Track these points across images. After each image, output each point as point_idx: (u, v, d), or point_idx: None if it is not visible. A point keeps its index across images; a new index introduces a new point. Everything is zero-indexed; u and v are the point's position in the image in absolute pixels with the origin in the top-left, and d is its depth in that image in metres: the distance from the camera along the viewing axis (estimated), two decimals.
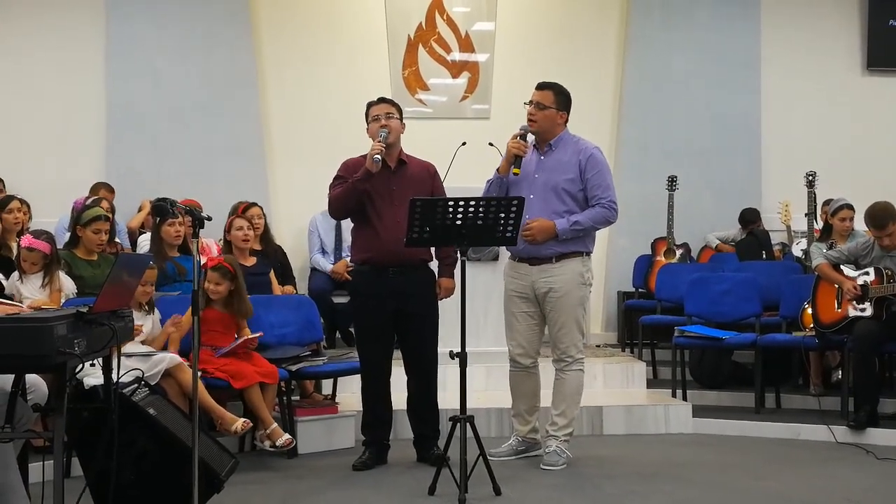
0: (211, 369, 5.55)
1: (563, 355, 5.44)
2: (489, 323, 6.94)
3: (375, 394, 5.50)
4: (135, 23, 9.03)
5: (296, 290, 7.50)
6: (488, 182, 5.52)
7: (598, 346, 8.61)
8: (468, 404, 4.81)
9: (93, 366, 4.40)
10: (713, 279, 7.51)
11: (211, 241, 7.21)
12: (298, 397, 6.30)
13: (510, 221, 4.81)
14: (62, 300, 5.56)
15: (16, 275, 5.66)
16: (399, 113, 5.51)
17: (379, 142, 5.25)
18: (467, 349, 4.81)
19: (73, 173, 8.62)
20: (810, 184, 8.27)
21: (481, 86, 9.58)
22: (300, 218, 8.79)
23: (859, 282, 6.41)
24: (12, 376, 3.61)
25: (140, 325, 5.44)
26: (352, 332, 7.78)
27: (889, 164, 9.65)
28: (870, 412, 6.23)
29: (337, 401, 6.26)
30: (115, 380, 3.99)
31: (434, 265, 5.54)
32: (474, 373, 6.27)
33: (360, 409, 5.68)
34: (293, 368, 5.97)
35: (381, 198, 5.35)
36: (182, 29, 9.12)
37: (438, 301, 5.51)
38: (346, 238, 8.09)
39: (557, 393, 5.50)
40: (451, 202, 4.74)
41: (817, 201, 8.30)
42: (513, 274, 5.55)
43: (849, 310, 6.42)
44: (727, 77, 9.66)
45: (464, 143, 7.23)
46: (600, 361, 7.40)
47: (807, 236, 8.26)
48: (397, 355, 5.55)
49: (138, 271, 4.64)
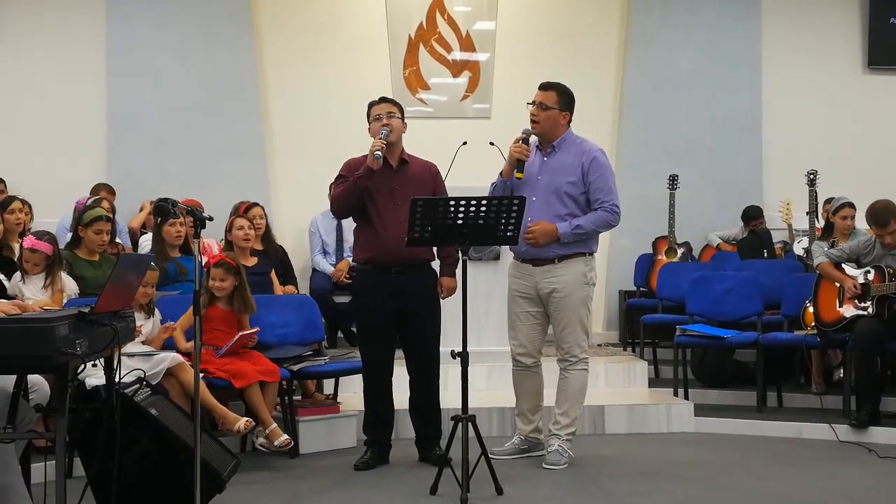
0: (212, 369, 5.55)
1: (566, 355, 5.44)
2: (490, 322, 6.94)
3: (377, 393, 5.49)
4: (135, 23, 9.03)
5: (297, 289, 7.50)
6: (492, 185, 5.51)
7: (599, 346, 8.61)
8: (470, 404, 4.81)
9: (94, 366, 4.39)
10: (715, 278, 7.50)
11: (212, 241, 7.21)
12: (300, 397, 6.30)
13: (511, 221, 4.81)
14: (64, 301, 5.57)
15: (18, 275, 5.67)
16: (401, 112, 5.50)
17: (380, 139, 5.26)
18: (469, 348, 4.81)
19: (74, 173, 8.62)
20: (811, 182, 8.26)
21: (482, 85, 9.57)
22: (301, 218, 8.79)
23: (860, 280, 6.41)
24: (14, 377, 3.61)
25: (140, 326, 5.44)
26: (353, 331, 7.81)
27: (890, 162, 9.64)
28: (871, 411, 6.23)
29: (338, 400, 6.25)
30: (117, 380, 3.99)
31: (436, 265, 5.54)
32: (476, 372, 6.27)
33: (361, 408, 5.67)
34: (295, 368, 5.96)
35: (382, 197, 5.34)
36: (183, 29, 9.13)
37: (440, 300, 5.51)
38: (347, 238, 8.09)
39: (561, 392, 5.50)
40: (452, 202, 4.73)
41: (818, 200, 8.30)
42: (516, 274, 5.56)
43: (844, 310, 6.42)
44: (728, 76, 9.66)
45: (465, 143, 7.23)
46: (602, 361, 7.40)
47: (808, 235, 8.26)
48: (399, 355, 5.55)
49: (140, 272, 4.64)
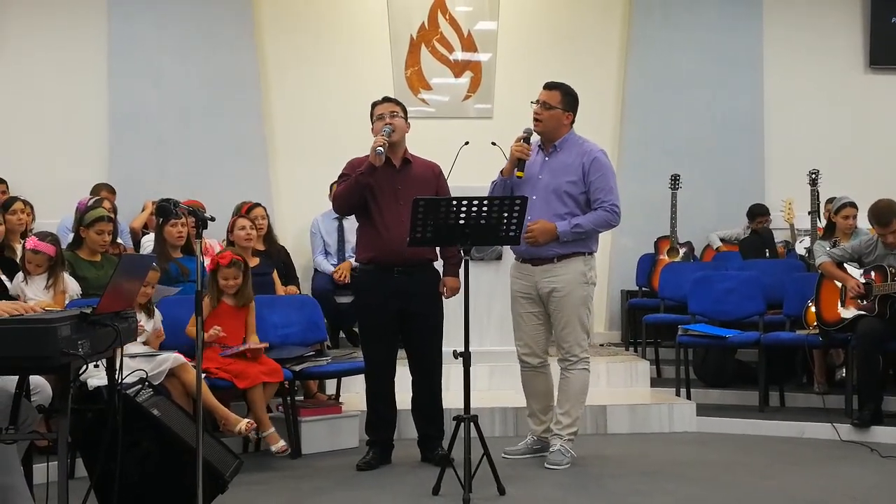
0: (213, 368, 5.55)
1: (567, 354, 5.44)
2: (493, 322, 6.94)
3: (379, 394, 5.50)
4: (137, 23, 9.03)
5: (299, 290, 7.50)
6: (493, 184, 5.52)
7: (601, 346, 8.62)
8: (472, 404, 4.80)
9: (96, 367, 4.39)
10: (717, 278, 7.50)
11: (214, 241, 7.22)
12: (302, 397, 6.30)
13: (513, 221, 4.81)
14: (66, 301, 5.57)
15: (20, 276, 5.67)
16: (404, 112, 5.51)
17: (382, 135, 5.26)
18: (471, 348, 4.81)
19: (75, 174, 8.61)
20: (813, 182, 8.26)
21: (484, 85, 9.57)
22: (302, 218, 8.79)
23: (862, 280, 6.41)
24: (16, 377, 3.61)
25: (141, 326, 5.45)
26: (355, 331, 7.81)
27: (892, 161, 9.62)
28: (874, 410, 6.23)
29: (341, 401, 6.26)
30: (119, 381, 3.99)
31: (439, 264, 5.54)
32: (478, 372, 6.27)
33: (363, 408, 5.67)
34: (297, 368, 5.96)
35: (385, 196, 5.35)
36: (184, 29, 9.12)
37: (443, 300, 5.51)
38: (349, 239, 8.08)
39: (562, 392, 5.50)
40: (454, 202, 4.73)
41: (820, 199, 8.30)
42: (517, 274, 5.56)
43: (845, 312, 6.42)
44: (730, 76, 9.66)
45: (466, 143, 7.22)
46: (604, 360, 7.40)
47: (810, 234, 8.26)
48: (402, 355, 5.55)
49: (142, 272, 4.64)
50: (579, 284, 5.40)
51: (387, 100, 5.55)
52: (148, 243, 7.17)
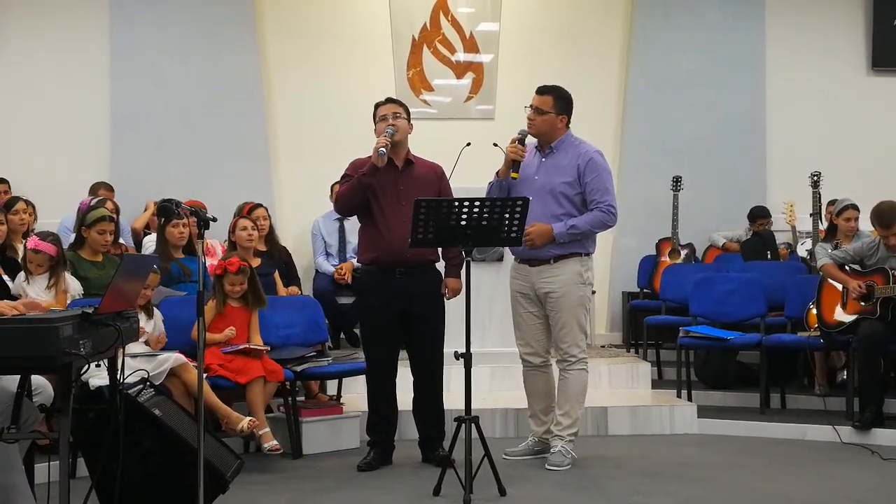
0: (215, 365, 5.56)
1: (565, 355, 5.45)
2: (494, 323, 6.93)
3: (380, 394, 5.50)
4: (138, 24, 9.03)
5: (300, 290, 7.51)
6: (489, 185, 5.53)
7: (602, 347, 8.61)
8: (473, 405, 4.81)
9: (98, 366, 4.40)
10: (718, 279, 7.50)
11: (216, 241, 7.22)
12: (303, 398, 6.31)
13: (515, 222, 4.81)
14: (68, 301, 5.57)
15: (22, 276, 5.67)
16: (407, 113, 5.51)
17: (384, 136, 5.26)
18: (472, 350, 4.81)
19: (77, 174, 8.61)
20: (815, 184, 8.26)
21: (486, 86, 9.57)
22: (304, 219, 8.79)
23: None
24: (18, 377, 3.62)
25: (142, 328, 5.45)
26: (356, 333, 7.81)
27: (894, 163, 9.60)
28: (875, 412, 6.23)
29: (342, 401, 6.26)
30: (121, 380, 3.99)
31: (441, 265, 5.54)
32: (479, 373, 6.24)
33: (365, 409, 5.67)
34: (298, 369, 5.97)
35: (387, 197, 5.35)
36: (186, 29, 9.13)
37: (445, 301, 5.51)
38: (350, 240, 8.08)
39: (561, 393, 5.50)
40: (456, 203, 4.74)
41: (822, 201, 8.29)
42: (515, 275, 5.58)
43: (843, 314, 6.42)
44: (732, 77, 9.65)
45: (468, 144, 7.22)
46: (605, 362, 7.40)
47: (811, 236, 8.26)
48: (403, 356, 5.55)
49: (143, 272, 4.65)
50: (576, 285, 5.40)
51: (390, 100, 5.55)
52: (149, 243, 7.17)
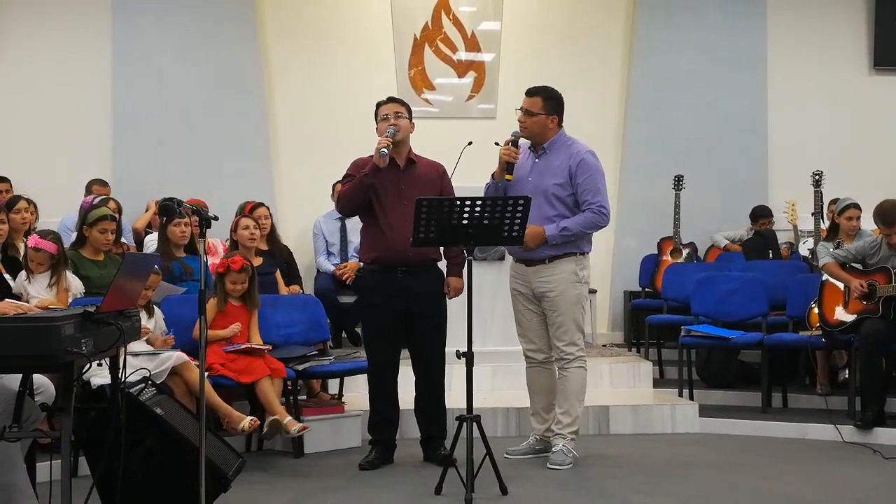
0: (217, 364, 5.56)
1: (563, 354, 5.45)
2: (496, 322, 6.93)
3: (382, 393, 5.50)
4: (140, 24, 9.04)
5: (302, 289, 7.51)
6: (486, 186, 5.54)
7: (604, 346, 8.61)
8: (475, 404, 4.80)
9: (100, 365, 4.40)
10: (720, 279, 7.50)
11: (217, 240, 7.22)
12: (305, 397, 6.31)
13: (516, 221, 4.81)
14: (69, 300, 5.57)
15: (23, 274, 5.67)
16: (408, 112, 5.51)
17: (386, 136, 5.26)
18: (474, 349, 4.80)
19: (79, 173, 8.61)
20: (817, 183, 8.25)
21: (487, 85, 9.57)
22: (305, 218, 8.80)
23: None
24: (20, 376, 3.62)
25: (145, 328, 5.46)
26: (358, 332, 7.81)
27: (895, 163, 9.63)
28: (877, 412, 6.22)
29: (343, 400, 6.27)
30: (122, 379, 4.00)
31: (442, 265, 5.54)
32: (481, 372, 6.24)
33: (366, 408, 5.67)
34: (300, 368, 5.97)
35: (389, 196, 5.35)
36: (187, 30, 9.14)
37: (447, 301, 5.52)
38: (352, 240, 8.08)
39: (561, 391, 5.51)
40: (458, 202, 4.73)
41: (824, 200, 8.29)
42: (514, 274, 5.60)
43: (845, 314, 6.42)
44: (733, 77, 9.66)
45: (470, 143, 7.22)
46: (607, 361, 7.39)
47: (813, 236, 8.25)
48: (405, 355, 5.55)
49: (145, 271, 4.65)
50: (571, 284, 5.41)
51: (391, 100, 5.55)
52: (151, 242, 7.18)
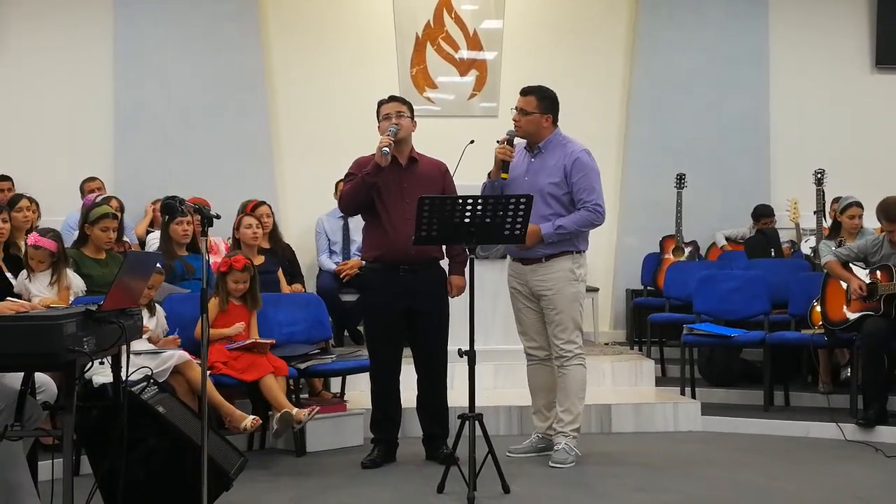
0: (218, 363, 5.56)
1: (562, 352, 5.45)
2: (498, 321, 6.93)
3: (384, 392, 5.50)
4: (142, 23, 9.04)
5: (304, 288, 7.51)
6: (483, 185, 5.54)
7: (606, 345, 8.60)
8: (477, 402, 4.80)
9: (102, 364, 4.41)
10: (722, 277, 7.49)
11: (219, 239, 7.22)
12: (307, 395, 6.31)
13: (518, 220, 4.81)
14: (71, 298, 5.57)
15: (24, 273, 5.67)
16: (410, 111, 5.51)
17: (388, 135, 5.26)
18: (476, 347, 4.81)
19: (81, 172, 8.59)
20: (819, 181, 8.24)
21: (489, 84, 9.56)
22: (307, 217, 8.79)
23: (866, 281, 6.39)
24: (22, 374, 3.62)
25: (147, 327, 5.47)
26: (360, 330, 7.81)
27: None
28: (879, 410, 6.22)
29: (346, 399, 6.27)
30: (124, 378, 4.00)
31: (445, 263, 5.54)
32: (483, 371, 6.26)
33: (368, 406, 5.68)
34: (302, 366, 5.97)
35: (391, 195, 5.35)
36: (189, 28, 9.13)
37: (449, 299, 5.51)
38: (354, 239, 8.08)
39: (561, 390, 5.51)
40: (459, 200, 4.73)
41: (826, 199, 8.28)
42: (512, 272, 5.61)
43: (847, 312, 6.42)
44: (735, 75, 9.64)
45: (472, 142, 7.22)
46: (609, 359, 7.40)
47: (815, 234, 8.25)
48: (407, 353, 5.55)
49: (147, 270, 4.65)
50: (568, 282, 5.41)
51: (393, 99, 5.55)
52: (153, 241, 7.18)
